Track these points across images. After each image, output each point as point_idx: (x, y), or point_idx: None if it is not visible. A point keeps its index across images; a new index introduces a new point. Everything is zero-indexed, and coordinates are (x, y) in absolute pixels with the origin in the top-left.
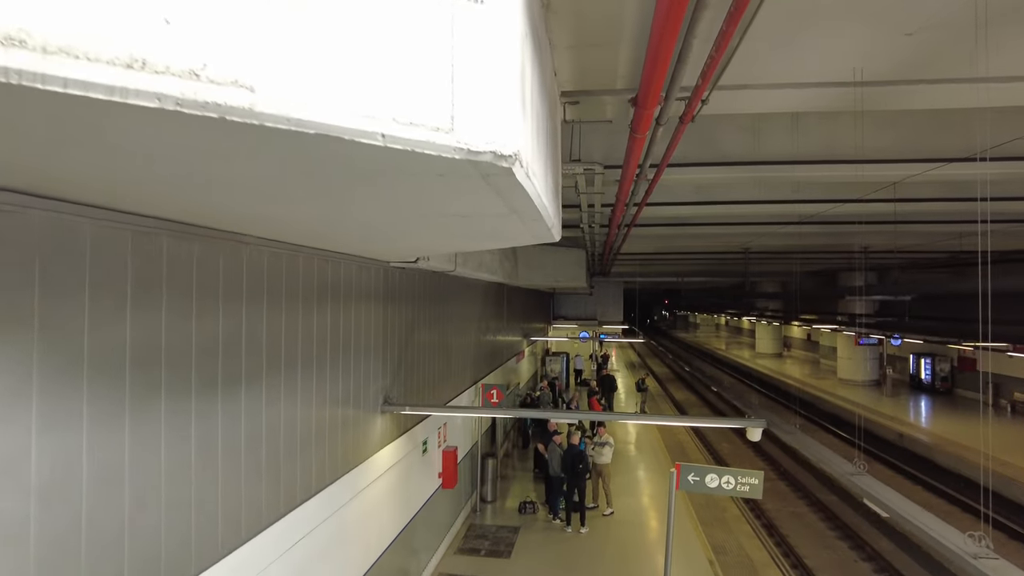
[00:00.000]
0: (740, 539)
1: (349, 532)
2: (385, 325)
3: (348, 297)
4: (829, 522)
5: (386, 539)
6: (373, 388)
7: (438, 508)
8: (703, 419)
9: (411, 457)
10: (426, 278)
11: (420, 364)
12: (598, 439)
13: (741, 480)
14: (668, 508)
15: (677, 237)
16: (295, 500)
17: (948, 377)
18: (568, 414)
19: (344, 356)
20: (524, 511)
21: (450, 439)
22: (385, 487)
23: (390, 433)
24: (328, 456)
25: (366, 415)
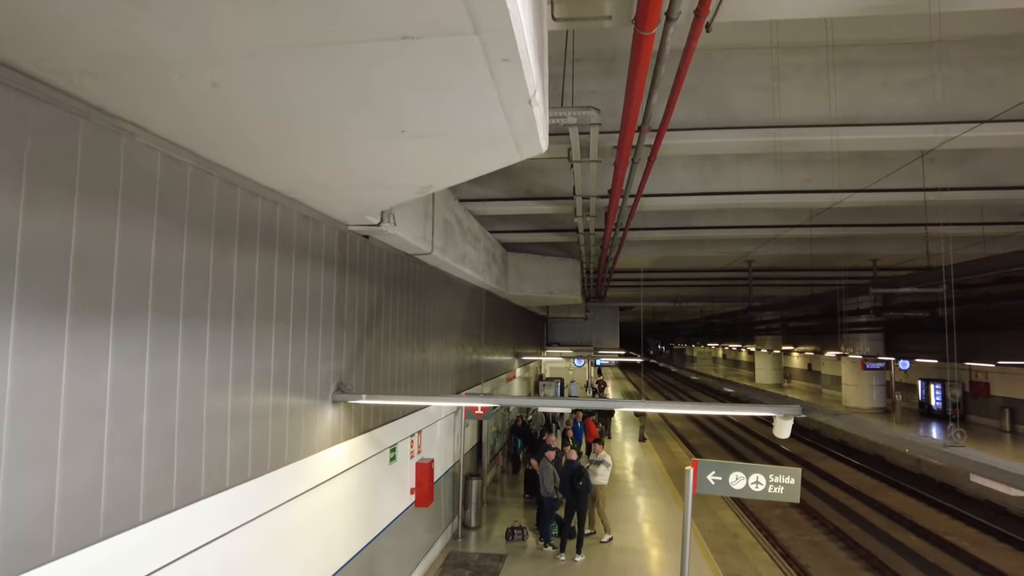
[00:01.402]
0: (757, 567)
1: (278, 545)
2: (341, 300)
3: (287, 250)
4: (851, 551)
5: (337, 559)
6: (322, 371)
7: (410, 530)
8: (726, 406)
9: (375, 465)
10: (398, 261)
11: (388, 358)
12: (594, 456)
13: (773, 479)
14: (683, 517)
15: (677, 244)
16: (193, 493)
17: (960, 403)
18: (568, 401)
19: (280, 323)
20: (512, 538)
21: (426, 452)
22: (337, 495)
23: (345, 430)
24: (250, 444)
25: (310, 402)
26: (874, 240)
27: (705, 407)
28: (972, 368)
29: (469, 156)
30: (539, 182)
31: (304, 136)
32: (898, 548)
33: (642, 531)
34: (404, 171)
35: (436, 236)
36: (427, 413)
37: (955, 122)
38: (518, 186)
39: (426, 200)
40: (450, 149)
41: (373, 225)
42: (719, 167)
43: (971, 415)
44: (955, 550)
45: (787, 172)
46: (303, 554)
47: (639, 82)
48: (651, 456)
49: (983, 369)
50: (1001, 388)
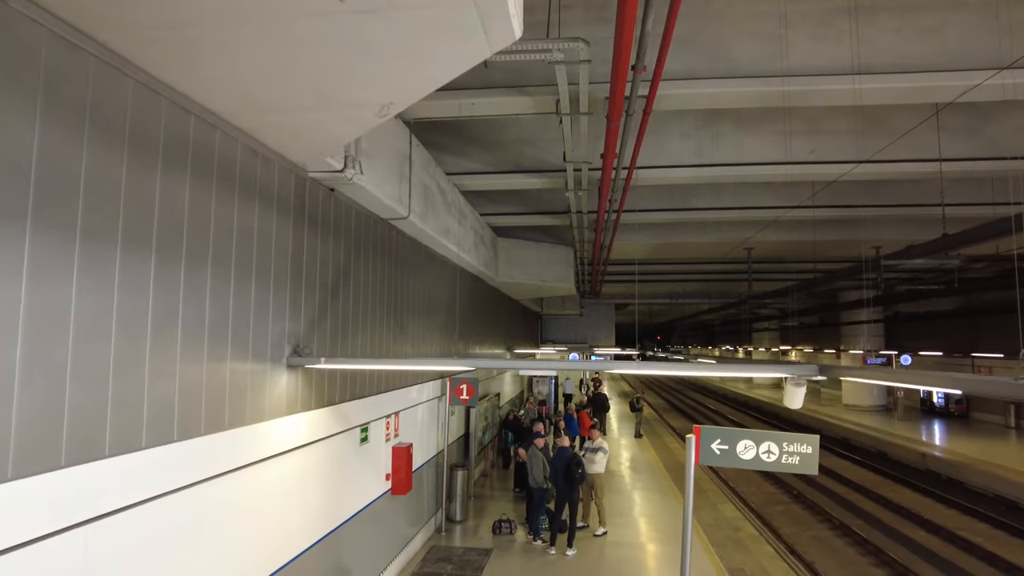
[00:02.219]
0: (762, 561)
1: (214, 523)
2: (299, 255)
3: (228, 185)
4: (859, 547)
5: (292, 546)
6: (274, 330)
7: (386, 519)
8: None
9: (343, 444)
10: (371, 224)
11: (360, 330)
12: (589, 444)
13: (788, 448)
14: (686, 492)
15: (674, 227)
16: (92, 450)
17: (963, 400)
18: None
19: (218, 267)
20: (499, 531)
21: (405, 437)
22: (293, 472)
23: (304, 400)
24: (176, 401)
25: (258, 363)
26: (877, 223)
27: (711, 369)
28: (976, 364)
29: (429, 48)
30: (528, 154)
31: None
32: (908, 544)
33: (638, 525)
34: (354, 75)
35: (414, 201)
36: (406, 396)
37: (976, 69)
38: (506, 159)
39: (401, 159)
40: (404, 37)
41: (336, 171)
42: (719, 137)
43: (975, 411)
44: (968, 545)
45: (791, 142)
46: (247, 537)
47: (631, 5)
48: (647, 452)
49: (987, 364)
50: None
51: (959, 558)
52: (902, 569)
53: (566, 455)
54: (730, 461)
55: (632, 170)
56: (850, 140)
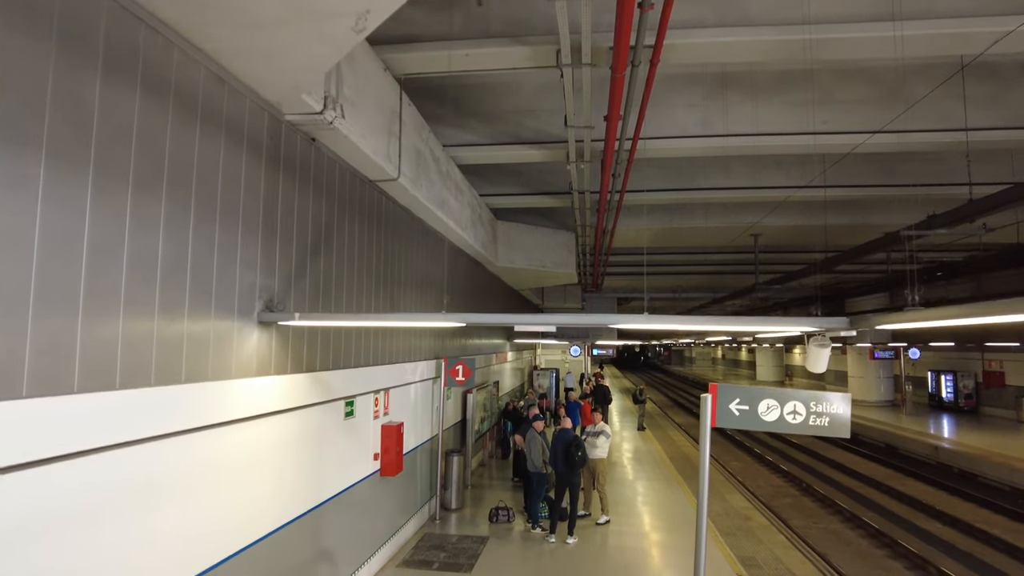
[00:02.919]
0: (774, 550)
1: (169, 489)
2: (272, 203)
3: (187, 111)
4: (873, 539)
5: (261, 522)
6: (243, 279)
7: (374, 503)
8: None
9: (324, 416)
10: (358, 185)
11: (344, 294)
12: (591, 428)
13: (816, 409)
14: (701, 463)
15: (680, 210)
16: (6, 388)
17: (972, 394)
18: (554, 317)
19: (174, 200)
20: (496, 519)
21: (396, 416)
22: (264, 441)
23: (279, 362)
24: (120, 344)
25: (223, 314)
26: (891, 205)
27: (727, 323)
28: (986, 357)
29: None
30: (528, 125)
31: None
32: (925, 536)
33: (642, 514)
34: None
35: (404, 163)
36: (397, 372)
37: (1012, 14)
38: (504, 130)
39: (390, 115)
40: None
41: (315, 113)
42: (728, 108)
43: (985, 406)
44: (987, 537)
45: (803, 113)
46: (210, 508)
47: None
48: (651, 444)
49: (997, 358)
50: (1017, 377)
51: (979, 550)
52: (920, 561)
53: (566, 437)
54: (751, 423)
55: (637, 137)
56: (866, 110)
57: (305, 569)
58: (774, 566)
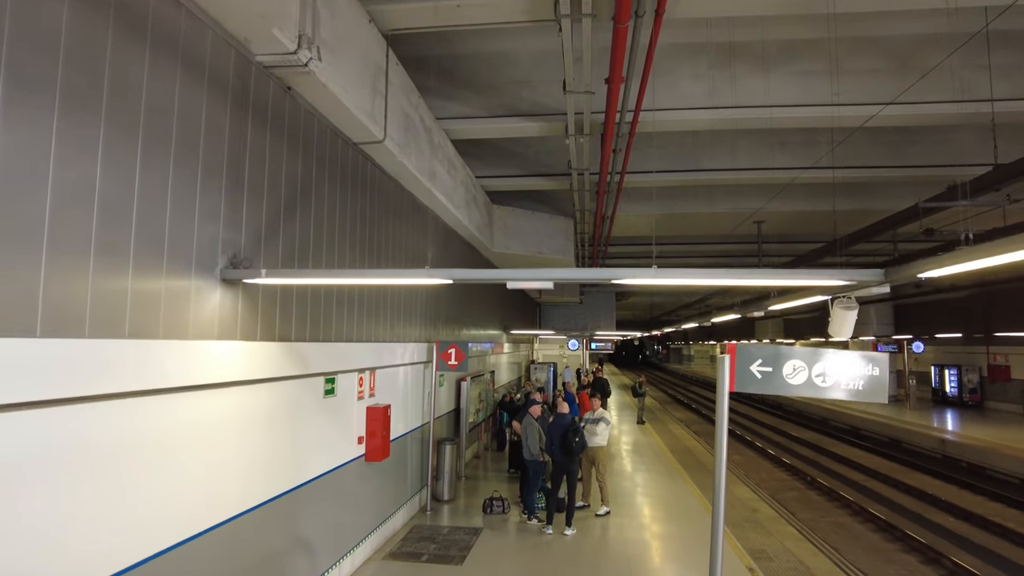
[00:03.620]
0: (785, 543)
1: (109, 460)
2: (240, 151)
3: (136, 31)
4: (884, 533)
5: (230, 503)
6: (203, 229)
7: (359, 490)
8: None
9: (300, 392)
10: (340, 146)
11: (322, 262)
12: (590, 415)
13: (850, 371)
14: (717, 437)
15: (682, 194)
16: None
17: (977, 389)
18: (548, 272)
19: (115, 126)
20: (490, 510)
21: (383, 399)
22: (230, 413)
23: (246, 327)
24: (43, 283)
25: (180, 267)
26: (902, 189)
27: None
28: (991, 351)
29: None
30: (525, 97)
31: None
32: (937, 530)
33: (643, 505)
34: None
35: (391, 125)
36: (384, 352)
37: None
38: (500, 103)
39: (375, 71)
40: None
41: (289, 54)
42: (735, 79)
43: (990, 401)
44: (1003, 531)
45: (813, 83)
46: (163, 484)
47: None
48: (651, 436)
49: (1003, 351)
50: (1023, 371)
51: (995, 544)
52: (934, 555)
53: (564, 422)
54: (774, 386)
55: (639, 107)
56: (878, 82)
57: (278, 558)
58: (785, 558)
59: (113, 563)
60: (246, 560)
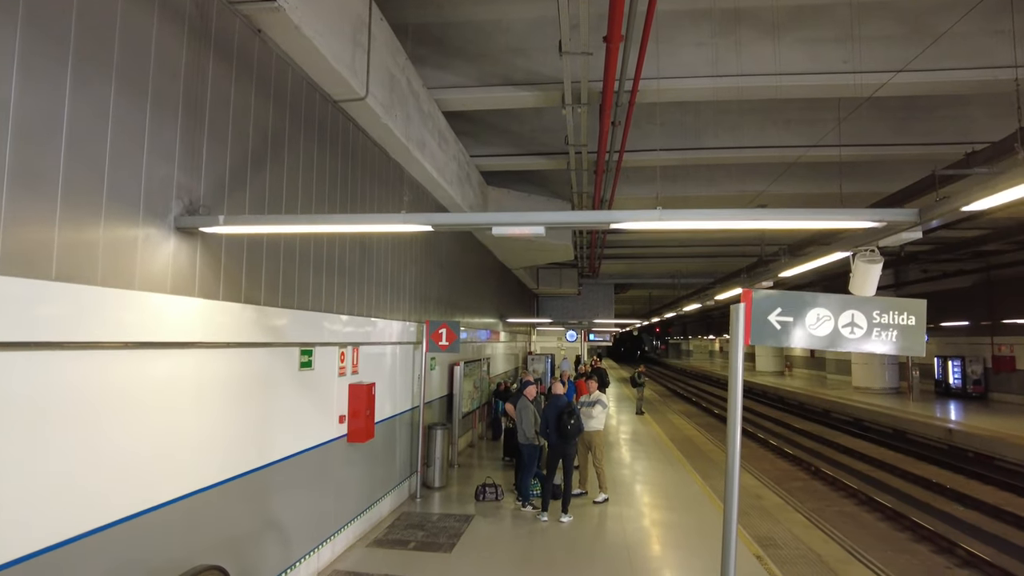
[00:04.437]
0: (793, 530)
1: (20, 423)
2: (200, 89)
3: None
4: (892, 522)
5: (186, 478)
6: (154, 172)
7: (340, 472)
8: (818, 213)
9: (271, 361)
10: (316, 101)
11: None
12: (585, 398)
13: (882, 320)
14: (730, 404)
15: (682, 176)
16: None
17: (981, 380)
18: (540, 215)
19: (38, 35)
20: (483, 496)
21: (367, 376)
22: (186, 377)
23: (206, 284)
24: None
25: (125, 208)
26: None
27: (768, 216)
28: (995, 341)
29: None
30: (519, 66)
31: None
32: (947, 519)
33: (643, 493)
34: None
35: (374, 83)
36: (370, 329)
37: None
38: (493, 71)
39: (356, 22)
40: None
41: None
42: (740, 46)
43: (994, 392)
44: (1017, 519)
45: (821, 51)
46: (87, 453)
47: None
48: (650, 427)
49: (1008, 341)
50: None
51: (1011, 534)
52: (946, 544)
53: (559, 404)
54: (796, 338)
55: (639, 73)
56: (889, 49)
57: (244, 542)
58: (795, 546)
59: (26, 543)
60: (205, 542)
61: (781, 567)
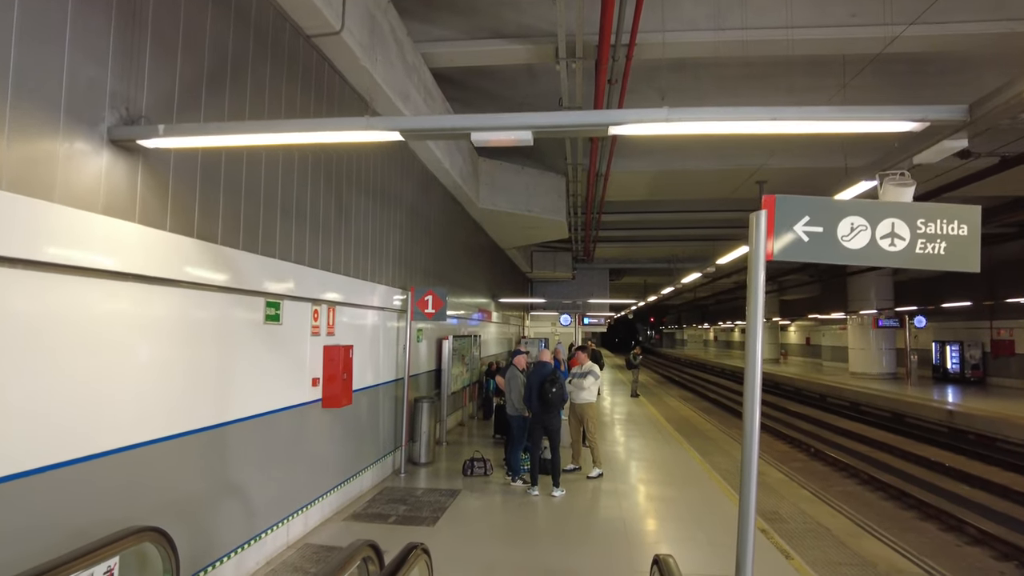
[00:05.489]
0: (799, 504)
1: None
2: None
3: None
4: (897, 501)
5: (118, 431)
6: (80, 72)
7: (314, 440)
8: (854, 111)
9: (229, 309)
10: (286, 34)
11: (264, 171)
12: (577, 369)
13: (928, 230)
14: (749, 334)
15: (681, 150)
16: None
17: (980, 364)
18: (525, 116)
19: None
20: (471, 471)
21: (345, 340)
22: (123, 314)
23: (149, 210)
24: None
25: (35, 108)
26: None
27: (778, 114)
28: (994, 325)
29: None
30: (509, 19)
31: None
32: (953, 498)
33: (639, 470)
34: None
35: (351, 19)
36: (349, 288)
37: None
38: (482, 25)
39: None
40: None
41: None
42: None
43: (993, 376)
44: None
45: (828, 2)
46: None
47: None
48: (646, 408)
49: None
50: None
51: (1016, 511)
52: (955, 522)
53: (543, 371)
54: (827, 253)
55: (637, 25)
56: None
57: (198, 507)
58: (801, 520)
59: None
60: (150, 502)
61: (788, 541)
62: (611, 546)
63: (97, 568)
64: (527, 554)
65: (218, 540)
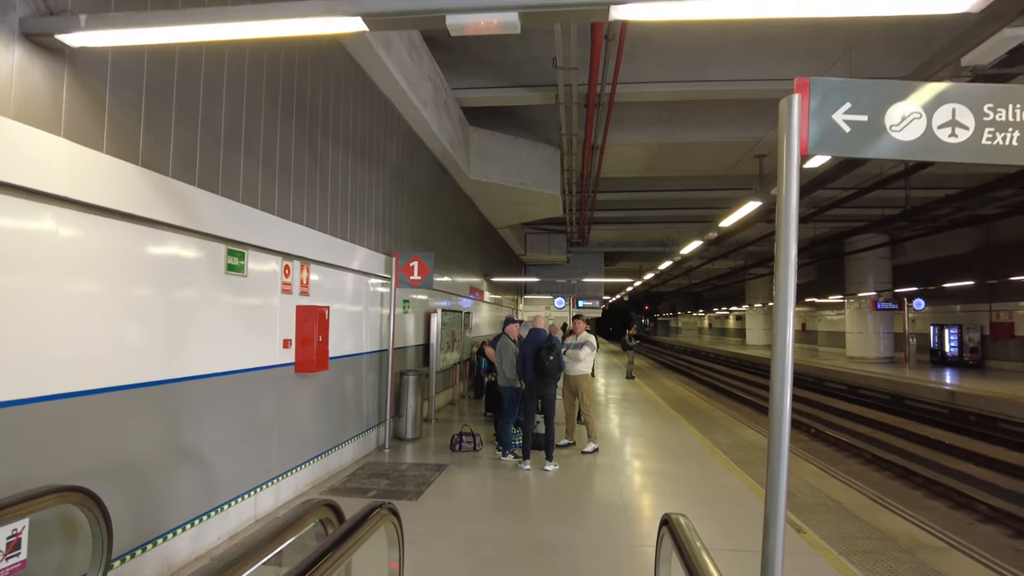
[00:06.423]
0: (806, 479)
1: None
2: None
3: None
4: (903, 480)
5: (26, 383)
6: None
7: (285, 407)
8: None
9: (181, 252)
10: None
11: (225, 122)
12: (572, 340)
13: (996, 117)
14: (781, 195)
15: (678, 120)
16: None
17: (978, 348)
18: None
19: None
20: (459, 446)
21: (320, 299)
22: (40, 243)
23: (76, 125)
24: None
25: None
26: None
27: None
28: (993, 307)
29: None
30: None
31: None
32: (961, 477)
33: (636, 446)
34: None
35: None
36: (323, 246)
37: None
38: None
39: None
40: None
41: None
42: None
43: (991, 360)
44: None
45: None
46: None
47: None
48: (642, 389)
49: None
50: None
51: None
52: (965, 500)
53: (538, 338)
54: (873, 146)
55: None
56: None
57: (143, 471)
58: (810, 494)
59: None
60: (81, 461)
61: (799, 515)
62: (608, 520)
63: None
64: (516, 528)
65: (171, 510)
